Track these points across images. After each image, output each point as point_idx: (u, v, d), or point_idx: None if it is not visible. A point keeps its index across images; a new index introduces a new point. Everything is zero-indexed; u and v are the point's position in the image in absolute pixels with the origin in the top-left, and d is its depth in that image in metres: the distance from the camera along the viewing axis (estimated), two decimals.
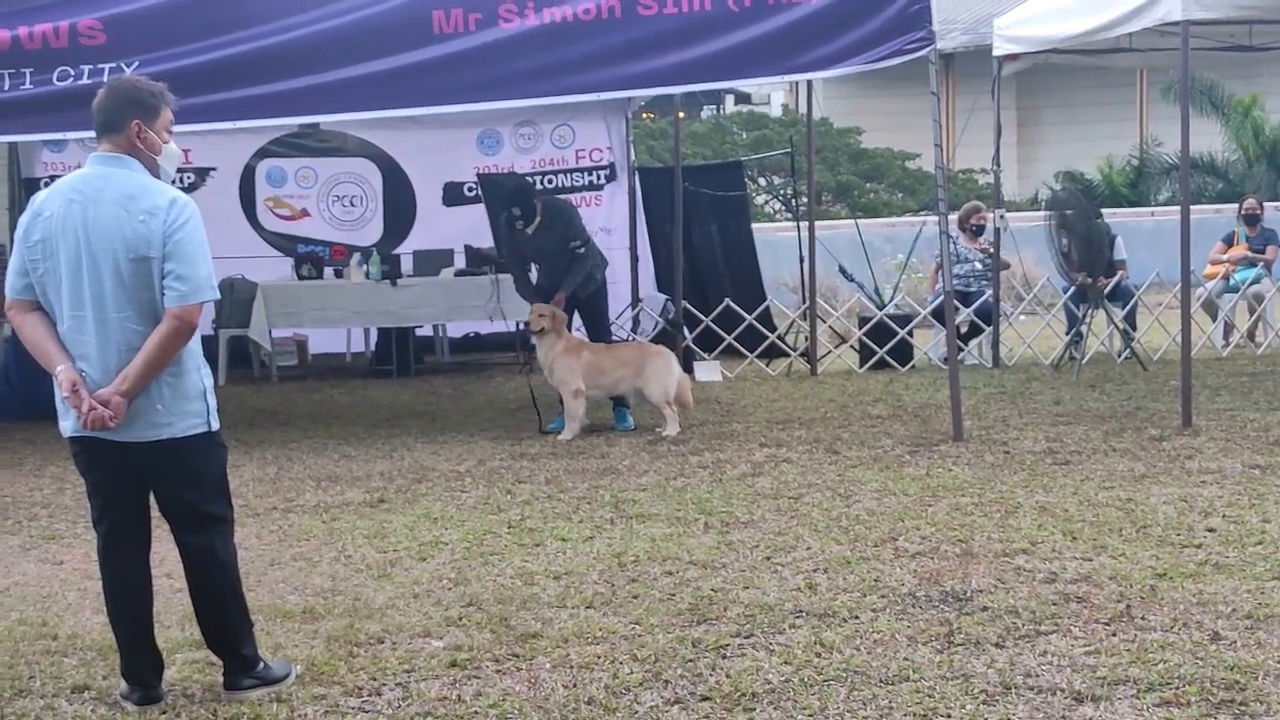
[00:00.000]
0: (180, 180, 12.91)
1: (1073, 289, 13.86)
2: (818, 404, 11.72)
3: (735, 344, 13.99)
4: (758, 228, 17.07)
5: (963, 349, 13.55)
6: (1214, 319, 14.82)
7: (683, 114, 16.74)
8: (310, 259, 14.71)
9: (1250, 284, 14.74)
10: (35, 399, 10.05)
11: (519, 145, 15.67)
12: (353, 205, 15.83)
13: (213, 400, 5.06)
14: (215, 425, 5.06)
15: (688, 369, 12.72)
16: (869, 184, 26.49)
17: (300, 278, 14.42)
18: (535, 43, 9.65)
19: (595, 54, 9.71)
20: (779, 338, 14.39)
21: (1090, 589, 6.07)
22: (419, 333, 15.03)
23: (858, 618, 5.79)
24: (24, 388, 11.44)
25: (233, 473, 5.60)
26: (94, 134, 5.03)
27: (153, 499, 5.11)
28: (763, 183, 26.05)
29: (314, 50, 9.58)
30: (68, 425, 4.98)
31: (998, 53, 13.33)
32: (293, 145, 15.58)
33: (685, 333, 13.65)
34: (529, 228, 10.77)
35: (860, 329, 14.24)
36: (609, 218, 15.35)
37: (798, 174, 17.85)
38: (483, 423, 11.32)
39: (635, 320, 14.39)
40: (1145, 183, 26.10)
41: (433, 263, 14.49)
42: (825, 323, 14.56)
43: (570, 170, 15.70)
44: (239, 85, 9.49)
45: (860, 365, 13.89)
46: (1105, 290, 13.53)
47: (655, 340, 12.69)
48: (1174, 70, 14.15)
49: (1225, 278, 14.95)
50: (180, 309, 4.83)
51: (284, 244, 15.59)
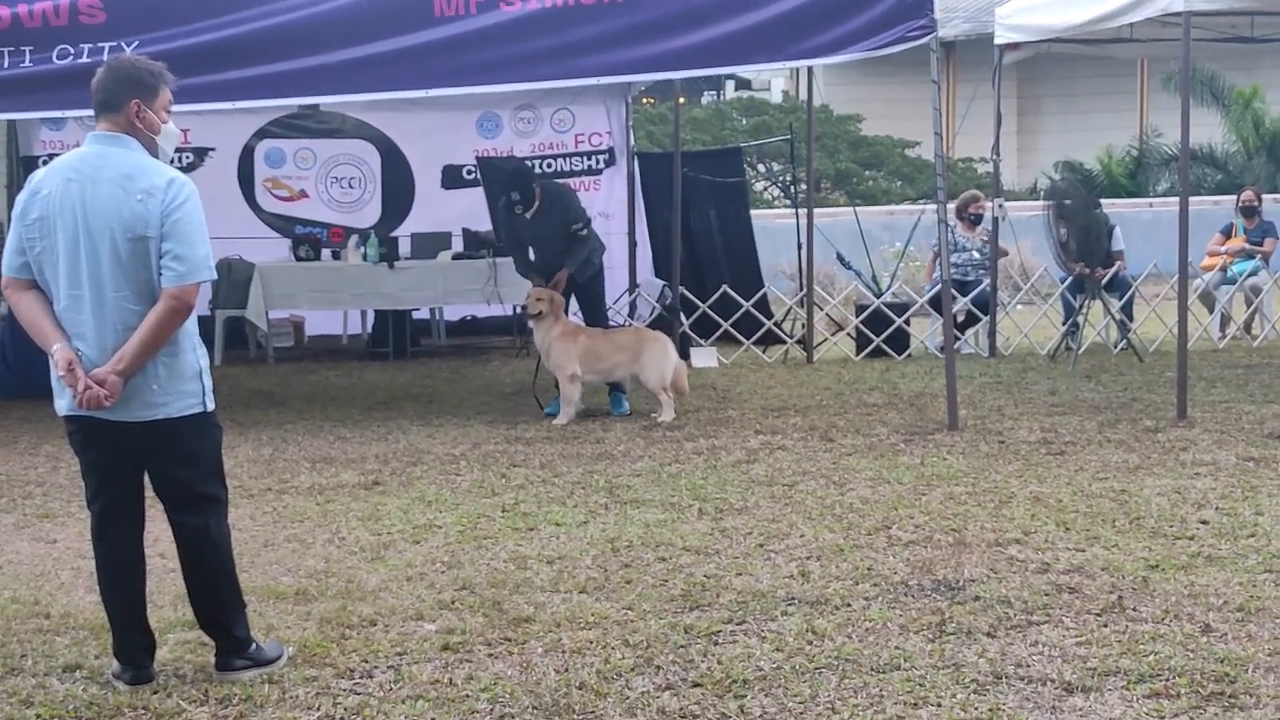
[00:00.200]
0: (179, 160, 12.90)
1: (1070, 279, 13.87)
2: (813, 391, 11.72)
3: (732, 330, 13.99)
4: (756, 214, 17.06)
5: (959, 338, 13.55)
6: (1211, 311, 14.82)
7: (683, 99, 16.72)
8: (308, 240, 14.72)
9: (1248, 276, 14.74)
10: (31, 377, 10.03)
11: (518, 129, 15.66)
12: (351, 187, 15.82)
13: (208, 381, 5.06)
14: (211, 406, 5.06)
15: (684, 355, 12.73)
16: (868, 171, 26.46)
17: (298, 259, 14.43)
18: (536, 26, 9.64)
19: (596, 38, 9.69)
20: (776, 325, 14.39)
21: (1082, 580, 6.08)
22: (416, 315, 15.03)
23: (850, 606, 5.80)
24: (20, 366, 11.43)
25: (228, 453, 5.60)
26: (93, 113, 5.03)
27: (147, 479, 5.11)
28: (762, 169, 26.03)
29: (314, 31, 9.56)
30: (63, 404, 4.98)
31: (999, 41, 13.32)
32: (292, 126, 15.56)
33: (682, 318, 13.65)
34: (528, 212, 10.76)
35: (857, 317, 14.24)
36: (608, 202, 15.34)
37: (797, 161, 17.85)
38: (478, 406, 11.33)
39: (632, 305, 14.39)
40: (1144, 173, 26.08)
41: (430, 245, 14.49)
42: (822, 310, 14.56)
43: (569, 154, 15.69)
44: (238, 66, 9.47)
45: (857, 353, 13.90)
46: (1102, 281, 13.53)
47: (652, 326, 12.70)
48: (1175, 61, 14.16)
49: (1223, 269, 14.95)
50: (177, 289, 4.83)
51: (282, 225, 15.59)
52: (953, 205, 13.99)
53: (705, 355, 13.59)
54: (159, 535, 5.68)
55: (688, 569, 6.41)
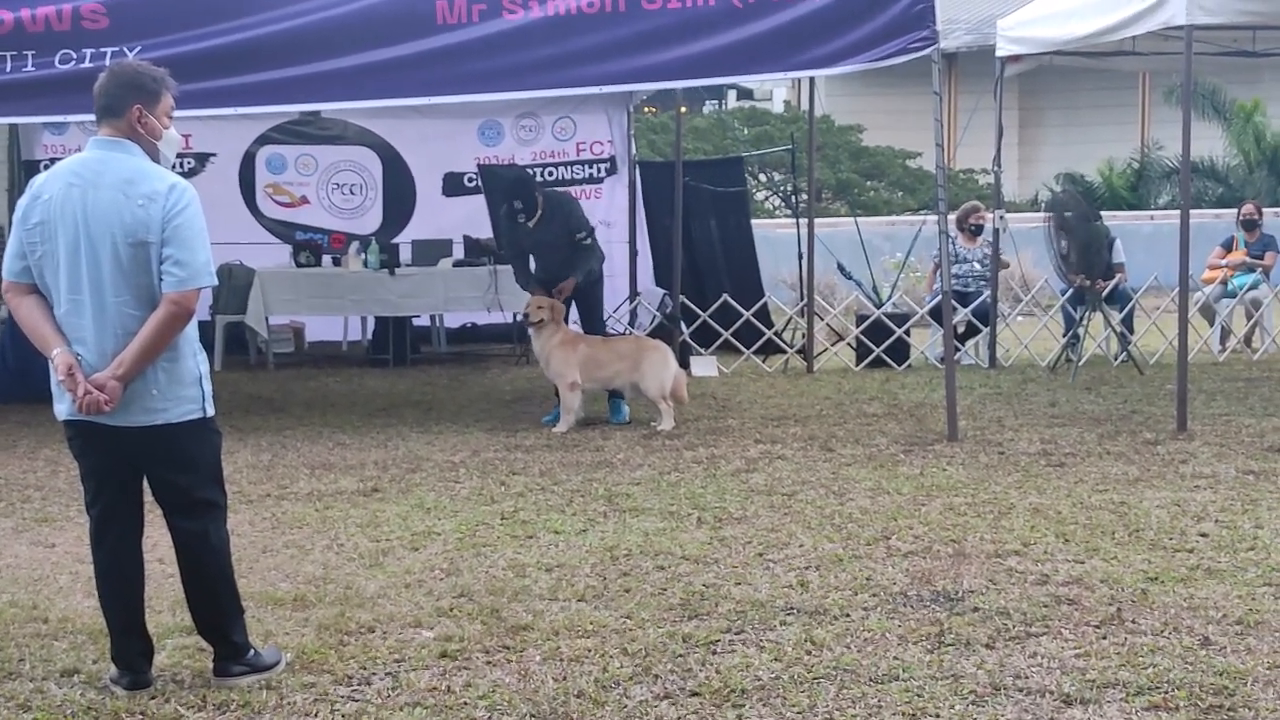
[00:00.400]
0: (180, 165, 12.94)
1: (1070, 291, 13.86)
2: (813, 401, 11.72)
3: (732, 340, 14.00)
4: (757, 224, 17.06)
5: (959, 349, 13.55)
6: (1211, 324, 14.81)
7: (684, 109, 16.74)
8: (309, 246, 14.72)
9: (1248, 289, 14.74)
10: (31, 382, 10.03)
11: (520, 137, 15.67)
12: (352, 193, 15.83)
13: (208, 386, 5.06)
14: (210, 411, 5.06)
15: (684, 364, 12.73)
16: (869, 182, 26.49)
17: (298, 265, 14.43)
18: (538, 35, 9.65)
19: (598, 47, 9.70)
20: (776, 334, 14.39)
21: (1081, 592, 6.08)
22: (416, 322, 15.03)
23: (849, 616, 5.79)
24: (20, 370, 11.42)
25: (227, 459, 5.60)
26: (94, 118, 5.03)
27: (146, 484, 5.11)
28: (763, 179, 26.04)
29: (316, 38, 9.57)
30: (63, 409, 4.98)
31: (1001, 53, 13.33)
32: (293, 132, 15.58)
33: (683, 327, 13.65)
34: (530, 221, 10.75)
35: (857, 327, 14.24)
36: (609, 211, 15.35)
37: (798, 171, 17.84)
38: (478, 414, 11.32)
39: (633, 314, 14.39)
40: (1145, 186, 26.09)
41: (431, 253, 14.50)
42: (823, 320, 14.55)
43: (571, 163, 15.70)
44: (240, 72, 9.49)
45: (857, 363, 13.89)
46: (1103, 293, 13.54)
47: (652, 334, 12.70)
48: (1177, 74, 14.17)
49: (1223, 283, 14.95)
50: (178, 294, 4.83)
51: (283, 231, 15.59)
52: (953, 216, 14.00)
53: (705, 364, 13.59)
54: (158, 540, 5.68)
55: (686, 578, 6.40)
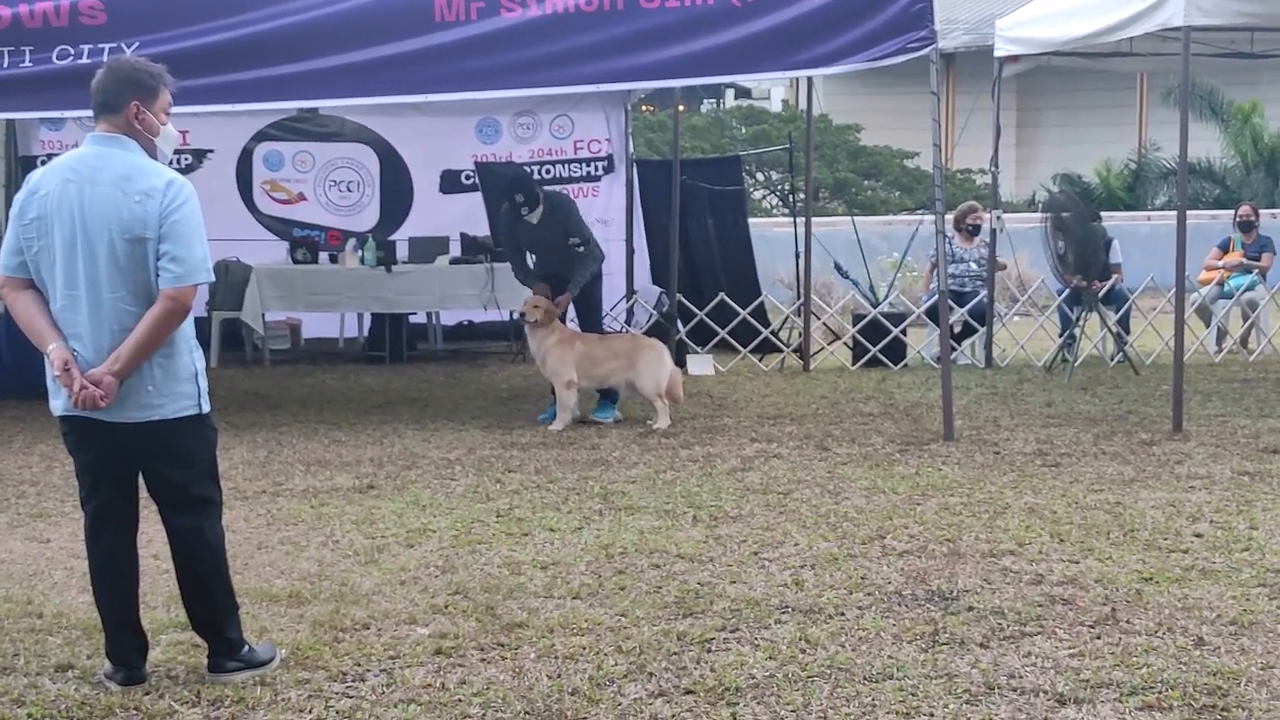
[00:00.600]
0: (177, 162, 12.88)
1: (1067, 291, 13.87)
2: (809, 400, 11.73)
3: (729, 338, 14.00)
4: (754, 223, 17.07)
5: (956, 349, 13.56)
6: (1208, 325, 14.83)
7: (682, 107, 16.73)
8: (306, 243, 14.71)
9: (1244, 290, 14.75)
10: (27, 377, 10.04)
11: (517, 134, 15.66)
12: (349, 190, 15.82)
13: (204, 382, 5.06)
14: (206, 408, 5.06)
15: (680, 362, 12.73)
16: (867, 181, 26.50)
17: (295, 262, 14.43)
18: (536, 32, 9.64)
19: (597, 45, 9.70)
20: (773, 333, 14.39)
21: (1076, 591, 6.08)
22: (412, 319, 15.02)
23: (843, 614, 5.80)
24: (16, 365, 11.42)
25: (222, 455, 5.60)
26: (92, 114, 5.03)
27: (141, 480, 5.11)
28: (760, 178, 26.05)
29: (314, 35, 9.57)
30: (58, 404, 4.98)
31: (999, 54, 13.33)
32: (291, 129, 15.57)
33: (679, 326, 13.65)
34: (532, 213, 10.72)
35: (854, 326, 14.24)
36: (606, 209, 15.35)
37: (796, 170, 17.85)
38: (474, 411, 11.32)
39: (629, 312, 14.40)
40: (1142, 187, 26.11)
41: (428, 250, 14.49)
42: (819, 319, 14.56)
43: (568, 161, 15.69)
44: (238, 68, 9.49)
45: (853, 363, 13.90)
46: (1099, 293, 13.55)
47: (649, 333, 12.70)
48: (1174, 75, 14.16)
49: (1220, 284, 14.96)
50: (175, 290, 4.83)
51: (280, 227, 15.59)
52: (951, 216, 14.01)
53: (702, 363, 13.59)
54: (153, 536, 5.68)
55: (681, 576, 6.41)
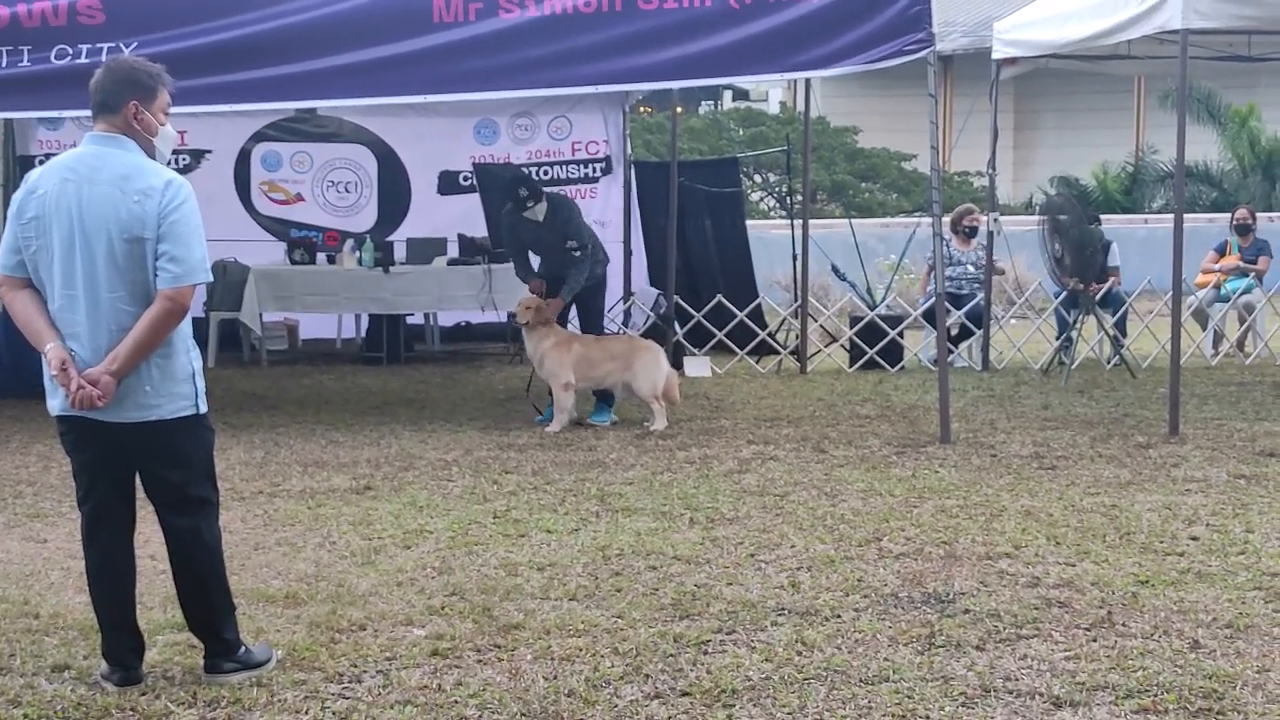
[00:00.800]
0: (175, 162, 12.88)
1: (1064, 294, 13.88)
2: (806, 402, 11.73)
3: (726, 340, 13.99)
4: (752, 225, 17.07)
5: (953, 351, 13.57)
6: (1204, 328, 14.84)
7: (680, 109, 16.72)
8: (303, 244, 14.71)
9: (1241, 294, 14.75)
10: (24, 376, 10.03)
11: (515, 135, 15.66)
12: (347, 191, 15.82)
13: (201, 383, 5.06)
14: (203, 408, 5.06)
15: (678, 364, 12.73)
16: (864, 183, 26.50)
17: (293, 262, 14.43)
18: (535, 34, 9.65)
19: (595, 47, 9.70)
20: (770, 335, 14.39)
21: (1072, 594, 6.09)
22: (410, 321, 15.02)
23: (840, 617, 5.80)
24: (13, 365, 11.41)
25: (219, 456, 5.60)
26: (90, 113, 5.03)
27: (139, 480, 5.11)
28: (758, 180, 26.04)
29: (313, 35, 9.57)
30: (55, 404, 4.98)
31: (997, 56, 13.34)
32: (289, 130, 15.57)
33: (676, 327, 13.65)
34: (536, 209, 10.70)
35: (851, 329, 14.24)
36: (604, 211, 15.34)
37: (793, 172, 17.86)
38: (471, 412, 11.32)
39: (627, 314, 14.39)
40: (1140, 190, 26.13)
41: (426, 251, 14.49)
42: (816, 321, 14.57)
43: (566, 162, 15.69)
44: (237, 68, 9.49)
45: (850, 365, 13.90)
46: (1096, 296, 13.56)
47: (646, 335, 12.70)
48: (1172, 78, 14.15)
49: (1216, 287, 14.97)
50: (173, 290, 4.83)
51: (278, 228, 15.59)
52: (948, 219, 14.01)
53: (699, 365, 13.59)
54: (149, 536, 5.68)
55: (678, 578, 6.41)
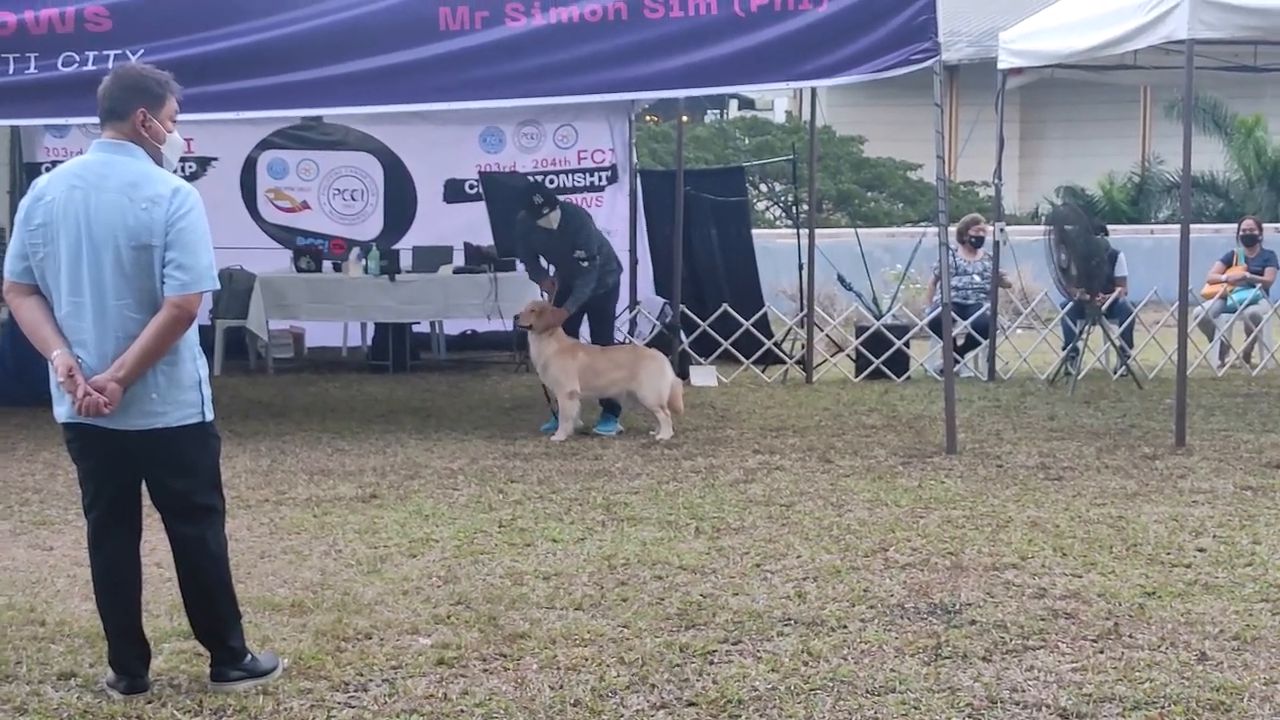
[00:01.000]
0: (182, 169, 12.94)
1: (1070, 304, 13.87)
2: (812, 412, 11.72)
3: (732, 349, 13.98)
4: (758, 234, 17.07)
5: (959, 361, 13.55)
6: (1211, 339, 14.82)
7: (686, 118, 16.76)
8: (309, 252, 14.73)
9: (1248, 305, 14.75)
10: (31, 383, 10.04)
11: (521, 144, 15.68)
12: (353, 199, 15.84)
13: (207, 391, 5.06)
14: (209, 416, 5.06)
15: (684, 373, 12.73)
16: (870, 193, 26.51)
17: (299, 270, 14.45)
18: (541, 42, 9.65)
19: (601, 55, 9.71)
20: (776, 344, 14.39)
21: (1079, 605, 6.07)
22: (416, 329, 15.04)
23: (846, 627, 5.79)
24: (20, 371, 11.43)
25: (225, 464, 5.60)
26: (98, 120, 5.03)
27: (145, 488, 5.11)
28: (764, 189, 26.07)
29: (319, 43, 9.58)
30: (62, 411, 4.97)
31: (1002, 66, 13.33)
32: (295, 137, 15.61)
33: (682, 337, 13.65)
34: (550, 215, 10.69)
35: (857, 338, 14.24)
36: (609, 219, 15.32)
37: (799, 181, 17.85)
38: (477, 421, 11.32)
39: (633, 323, 14.40)
40: (1146, 200, 26.13)
41: (432, 259, 14.51)
42: (822, 331, 14.56)
43: (572, 171, 15.71)
44: (243, 76, 9.50)
45: (856, 375, 13.89)
46: (1103, 306, 13.54)
47: (652, 344, 12.70)
48: (1178, 89, 14.15)
49: (1223, 298, 14.96)
50: (180, 298, 4.83)
51: (283, 236, 15.61)
52: (954, 228, 14.01)
53: (705, 374, 13.59)
54: (156, 544, 5.68)
55: (684, 588, 6.40)
